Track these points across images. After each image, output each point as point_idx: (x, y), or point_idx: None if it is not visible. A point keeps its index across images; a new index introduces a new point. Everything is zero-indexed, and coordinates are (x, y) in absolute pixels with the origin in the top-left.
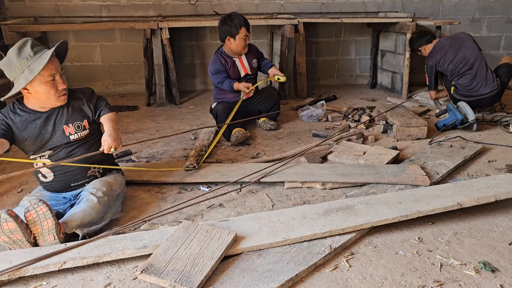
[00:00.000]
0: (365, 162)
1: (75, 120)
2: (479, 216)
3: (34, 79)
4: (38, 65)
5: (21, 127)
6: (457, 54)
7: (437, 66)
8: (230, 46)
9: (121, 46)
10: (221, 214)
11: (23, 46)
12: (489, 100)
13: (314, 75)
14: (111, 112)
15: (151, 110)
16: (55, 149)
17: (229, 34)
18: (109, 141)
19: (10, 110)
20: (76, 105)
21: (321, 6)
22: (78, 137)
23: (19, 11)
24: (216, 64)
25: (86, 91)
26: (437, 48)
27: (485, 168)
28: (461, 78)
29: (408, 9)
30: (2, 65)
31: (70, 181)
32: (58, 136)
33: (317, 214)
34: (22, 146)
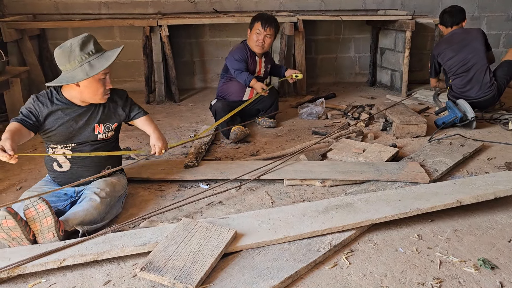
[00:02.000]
0: (364, 159)
1: (107, 121)
2: (478, 213)
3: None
4: (100, 63)
5: (54, 117)
6: (460, 52)
7: (438, 57)
8: (254, 37)
9: (120, 43)
10: (220, 211)
11: (87, 41)
12: (482, 103)
13: (314, 72)
14: (145, 115)
15: (151, 108)
16: (80, 144)
17: (250, 24)
18: (159, 145)
19: (47, 97)
20: (112, 106)
21: (321, 4)
22: (104, 137)
23: (17, 8)
24: (242, 53)
25: (121, 94)
26: (446, 38)
27: (485, 166)
28: (456, 78)
29: (407, 7)
30: (62, 52)
31: (82, 176)
32: (87, 133)
33: (317, 211)
34: (48, 135)
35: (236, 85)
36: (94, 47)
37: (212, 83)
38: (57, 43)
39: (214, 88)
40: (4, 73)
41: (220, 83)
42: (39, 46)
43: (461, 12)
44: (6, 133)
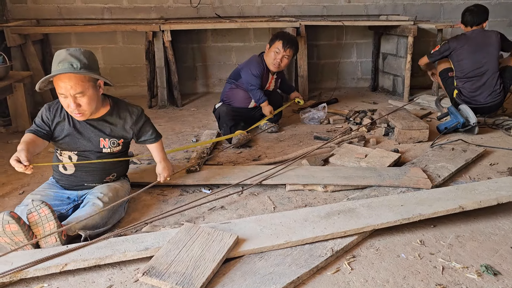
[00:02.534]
0: (366, 164)
1: (113, 137)
2: (481, 219)
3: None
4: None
5: (61, 127)
6: (475, 55)
7: (453, 51)
8: (273, 56)
9: (123, 49)
10: (222, 216)
11: (76, 50)
12: (488, 109)
13: (316, 77)
14: (157, 141)
15: (153, 112)
16: (86, 152)
17: (270, 41)
18: (165, 175)
19: (58, 106)
20: (119, 123)
21: (323, 9)
22: (110, 151)
23: (21, 13)
24: (259, 68)
25: (135, 111)
26: (467, 36)
27: (487, 171)
28: (468, 82)
29: (409, 12)
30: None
31: (86, 181)
32: (91, 145)
33: (319, 216)
34: (55, 142)
35: (242, 93)
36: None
37: (214, 88)
38: (61, 47)
39: (216, 93)
40: (8, 78)
41: (225, 88)
42: (42, 50)
43: (484, 13)
44: (21, 144)
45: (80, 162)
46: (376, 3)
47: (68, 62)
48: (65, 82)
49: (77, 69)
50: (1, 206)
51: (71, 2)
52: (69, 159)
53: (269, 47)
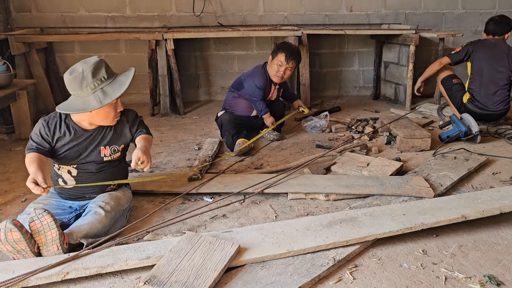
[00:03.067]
0: (368, 173)
1: (114, 143)
2: (484, 228)
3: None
4: (114, 90)
5: (62, 142)
6: (495, 62)
7: (474, 52)
8: (275, 68)
9: (126, 57)
10: (224, 225)
11: (99, 67)
12: (496, 116)
13: (318, 86)
14: (148, 134)
15: (155, 120)
16: (86, 163)
17: (273, 52)
18: (135, 157)
19: (56, 121)
20: (119, 128)
21: (325, 18)
22: (110, 159)
23: (25, 22)
24: (263, 79)
25: (130, 114)
26: (491, 42)
27: (490, 180)
28: (483, 87)
29: (411, 21)
30: (73, 79)
31: (87, 193)
32: (93, 155)
33: (321, 225)
34: (54, 157)
35: (244, 102)
36: (106, 72)
37: (217, 96)
38: (64, 56)
39: (219, 101)
40: (12, 86)
41: (228, 96)
42: (46, 59)
43: (507, 24)
44: (32, 165)
45: (79, 185)
46: (377, 12)
47: (110, 70)
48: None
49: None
50: (3, 213)
51: (75, 11)
52: (68, 173)
53: (272, 58)
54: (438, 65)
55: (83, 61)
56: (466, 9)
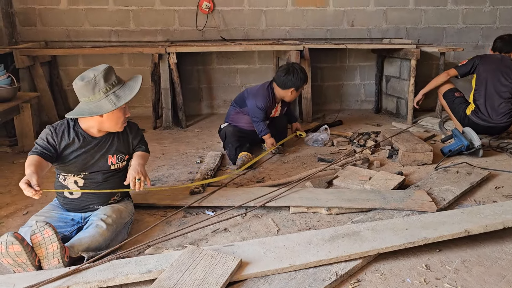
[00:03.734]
0: (371, 187)
1: (120, 151)
2: (487, 243)
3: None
4: (125, 93)
5: (70, 149)
6: (501, 75)
7: (480, 63)
8: (288, 95)
9: (129, 70)
10: (226, 238)
11: (109, 72)
12: (500, 129)
13: (319, 99)
14: (147, 152)
15: (158, 133)
16: (92, 173)
17: (295, 86)
18: (133, 174)
19: (64, 128)
20: (124, 137)
21: (326, 32)
22: (117, 167)
23: (30, 36)
24: (266, 101)
25: (133, 126)
26: (497, 57)
27: (492, 195)
28: (488, 100)
29: (412, 36)
30: (85, 84)
31: (91, 203)
32: (100, 164)
33: (323, 239)
34: (62, 165)
35: (247, 118)
36: (116, 77)
37: (219, 109)
38: (68, 69)
39: (221, 114)
40: (15, 99)
41: (230, 111)
42: (50, 72)
43: None
44: (30, 167)
45: (85, 191)
46: (378, 26)
47: (117, 76)
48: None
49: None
50: (5, 226)
51: (80, 25)
52: (75, 183)
53: (296, 92)
54: (445, 77)
55: (92, 68)
56: (467, 24)
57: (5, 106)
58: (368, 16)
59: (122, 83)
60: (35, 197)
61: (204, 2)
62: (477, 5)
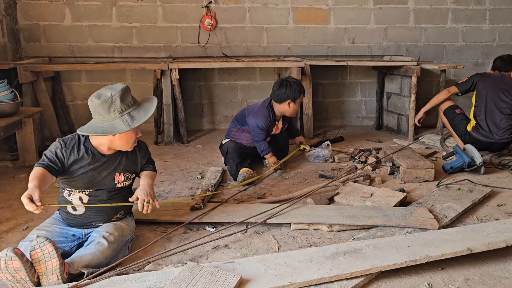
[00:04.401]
0: (372, 204)
1: (128, 170)
2: (490, 262)
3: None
4: (140, 115)
5: (78, 165)
6: (501, 92)
7: (480, 81)
8: (286, 109)
9: (132, 86)
10: (226, 255)
11: (126, 92)
12: (501, 146)
13: (321, 115)
14: (155, 171)
15: (159, 149)
16: (98, 190)
17: (291, 98)
18: (143, 196)
19: (74, 143)
20: (133, 156)
21: (327, 49)
22: (122, 186)
23: (34, 51)
24: (266, 120)
25: (142, 146)
26: (497, 76)
27: (495, 212)
28: (489, 117)
29: (412, 53)
30: (101, 103)
31: (94, 220)
32: (106, 181)
33: (324, 257)
34: (68, 180)
35: (248, 135)
36: (132, 98)
37: (220, 125)
38: (71, 84)
39: (222, 130)
40: (18, 114)
41: (232, 128)
42: (53, 87)
43: None
44: (33, 181)
45: (90, 205)
46: (379, 44)
47: (133, 97)
48: None
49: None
50: (4, 241)
51: (83, 41)
52: (79, 200)
53: (293, 104)
54: (445, 94)
55: (109, 87)
56: (467, 42)
57: (7, 120)
58: (369, 33)
59: (137, 104)
60: (36, 212)
61: (206, 19)
62: (477, 24)
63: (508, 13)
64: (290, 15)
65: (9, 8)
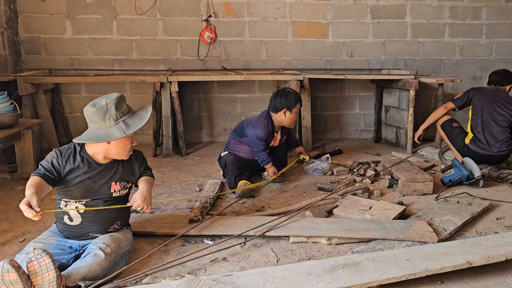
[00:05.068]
0: (371, 217)
1: (124, 180)
2: (489, 275)
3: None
4: (135, 122)
5: (74, 174)
6: (497, 106)
7: (475, 94)
8: (283, 118)
9: (131, 98)
10: (224, 268)
11: (121, 101)
12: (500, 158)
13: (319, 128)
14: (153, 177)
15: (157, 161)
16: (94, 200)
17: (287, 107)
18: (139, 200)
19: (70, 153)
20: (129, 165)
21: (326, 63)
22: (119, 195)
23: (35, 64)
24: (266, 131)
25: (139, 155)
26: (493, 90)
27: (494, 226)
28: (486, 131)
29: (410, 67)
30: (97, 111)
31: (91, 231)
32: (103, 190)
33: (323, 270)
34: (65, 190)
35: (247, 147)
36: (127, 106)
37: (219, 137)
38: (70, 96)
39: (221, 143)
40: (17, 125)
41: (231, 140)
42: (52, 99)
43: (508, 76)
44: (31, 188)
45: (88, 209)
46: (377, 57)
47: (128, 106)
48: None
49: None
50: (1, 253)
51: (84, 54)
52: (76, 210)
53: (289, 113)
54: (443, 110)
55: (104, 96)
56: (464, 56)
57: (6, 132)
58: (367, 47)
59: (132, 112)
60: (35, 219)
61: (206, 33)
62: (474, 38)
63: (504, 27)
64: (289, 28)
65: (10, 21)
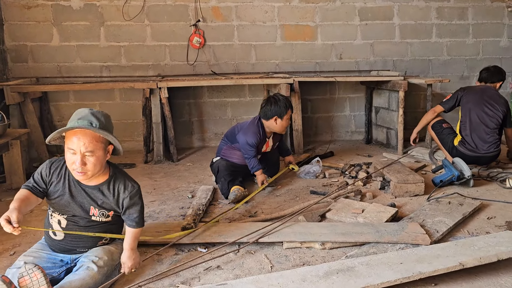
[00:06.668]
0: (364, 220)
1: (104, 208)
2: (482, 276)
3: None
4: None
5: (57, 187)
6: (485, 106)
7: (464, 95)
8: (274, 125)
9: (121, 105)
10: (218, 277)
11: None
12: (489, 159)
13: (310, 131)
14: (138, 227)
15: (149, 168)
16: (75, 216)
17: (278, 114)
18: (129, 264)
19: (59, 164)
20: (113, 195)
21: (316, 65)
22: (99, 221)
23: (21, 72)
24: (256, 137)
25: (131, 188)
26: (481, 88)
27: (485, 225)
28: (474, 132)
29: (399, 68)
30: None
31: (77, 247)
32: (81, 211)
33: (317, 276)
34: (48, 200)
35: (239, 153)
36: (87, 117)
37: (210, 142)
38: (59, 104)
39: (212, 147)
40: (5, 136)
41: (222, 146)
42: (40, 108)
43: (500, 74)
44: (14, 202)
45: (67, 232)
46: (366, 59)
47: (88, 120)
48: (79, 138)
49: (96, 128)
50: None
51: (71, 61)
52: (58, 223)
53: (280, 120)
54: (432, 114)
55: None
56: (452, 56)
57: None
58: (356, 49)
59: (86, 121)
60: (15, 233)
61: (195, 38)
62: (461, 38)
63: (490, 27)
64: (278, 32)
65: None
